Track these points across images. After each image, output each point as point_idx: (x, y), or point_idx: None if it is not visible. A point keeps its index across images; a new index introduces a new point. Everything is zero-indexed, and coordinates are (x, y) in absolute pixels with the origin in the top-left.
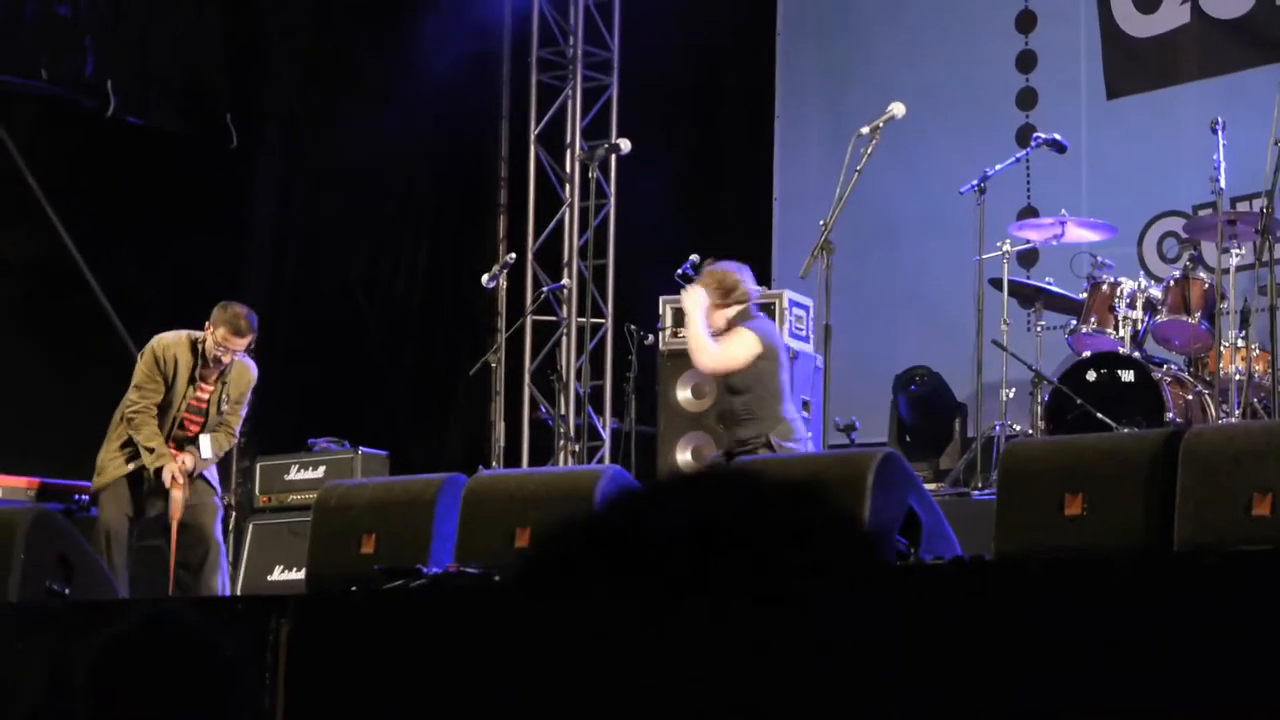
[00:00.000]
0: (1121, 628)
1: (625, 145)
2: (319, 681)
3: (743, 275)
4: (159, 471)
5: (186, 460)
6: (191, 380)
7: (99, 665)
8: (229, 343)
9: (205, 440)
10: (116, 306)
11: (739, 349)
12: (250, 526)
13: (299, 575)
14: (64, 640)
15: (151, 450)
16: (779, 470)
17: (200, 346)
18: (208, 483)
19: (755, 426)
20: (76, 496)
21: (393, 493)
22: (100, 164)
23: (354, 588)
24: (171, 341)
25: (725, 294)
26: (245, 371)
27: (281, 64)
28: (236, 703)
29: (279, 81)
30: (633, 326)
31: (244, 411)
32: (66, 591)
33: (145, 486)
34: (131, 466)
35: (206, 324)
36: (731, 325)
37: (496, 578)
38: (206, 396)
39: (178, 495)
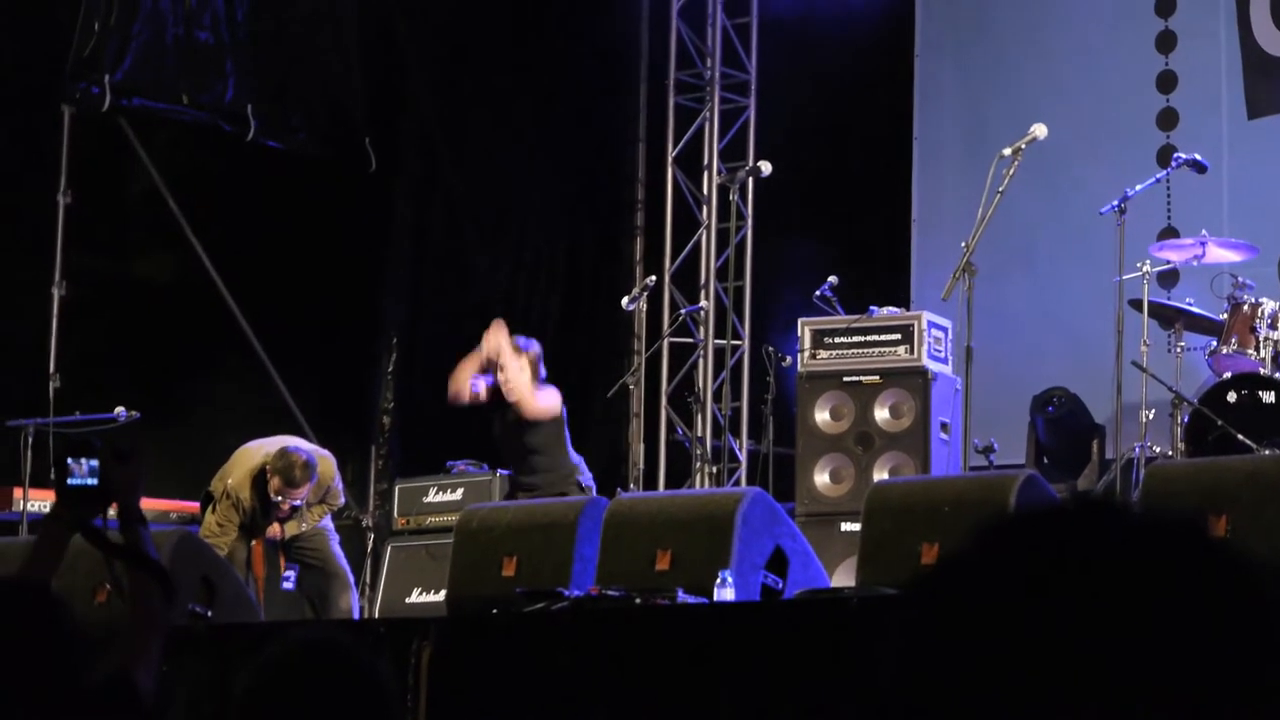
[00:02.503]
0: None
1: (766, 168)
2: (461, 703)
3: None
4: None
5: (276, 528)
6: (266, 515)
7: (254, 688)
8: (285, 493)
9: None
10: (256, 329)
11: (554, 398)
12: (389, 549)
13: (437, 598)
14: (208, 663)
15: None
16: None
17: (266, 482)
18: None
19: (554, 459)
20: None
21: (534, 515)
22: (240, 188)
23: (495, 610)
24: (247, 489)
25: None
26: (321, 474)
27: (420, 89)
28: None
29: (417, 106)
30: (770, 348)
31: (340, 490)
32: (209, 614)
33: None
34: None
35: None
36: None
37: (637, 600)
38: (285, 513)
39: (257, 560)
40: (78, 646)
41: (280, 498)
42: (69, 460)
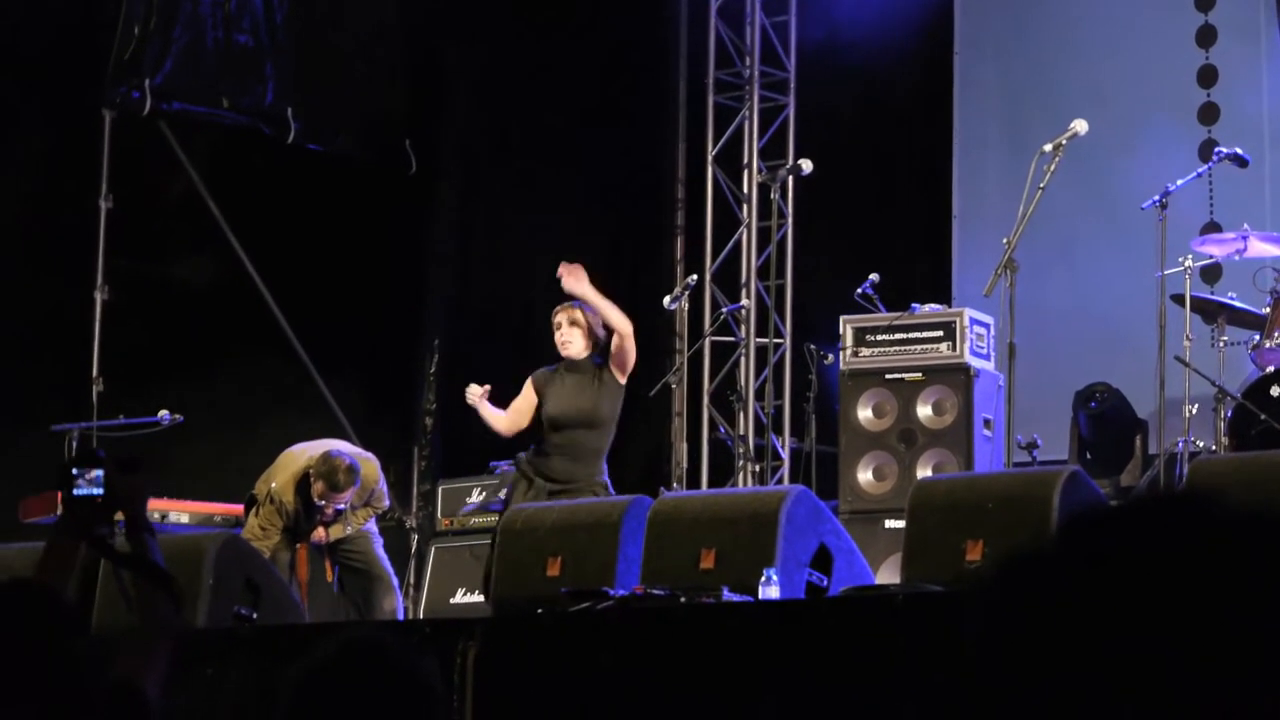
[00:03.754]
0: None
1: (807, 166)
2: (507, 704)
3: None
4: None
5: (320, 532)
6: (309, 519)
7: (299, 689)
8: (329, 497)
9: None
10: (297, 331)
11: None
12: (432, 550)
13: (480, 598)
14: (253, 664)
15: None
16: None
17: (308, 485)
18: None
19: (595, 465)
20: None
21: (578, 515)
22: (281, 190)
23: (540, 610)
24: (290, 493)
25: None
26: (365, 478)
27: (460, 91)
28: None
29: (457, 108)
30: (812, 346)
31: (385, 494)
32: (254, 616)
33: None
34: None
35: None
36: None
37: (683, 599)
38: (329, 518)
39: (301, 564)
40: (85, 653)
41: (324, 502)
42: (74, 470)
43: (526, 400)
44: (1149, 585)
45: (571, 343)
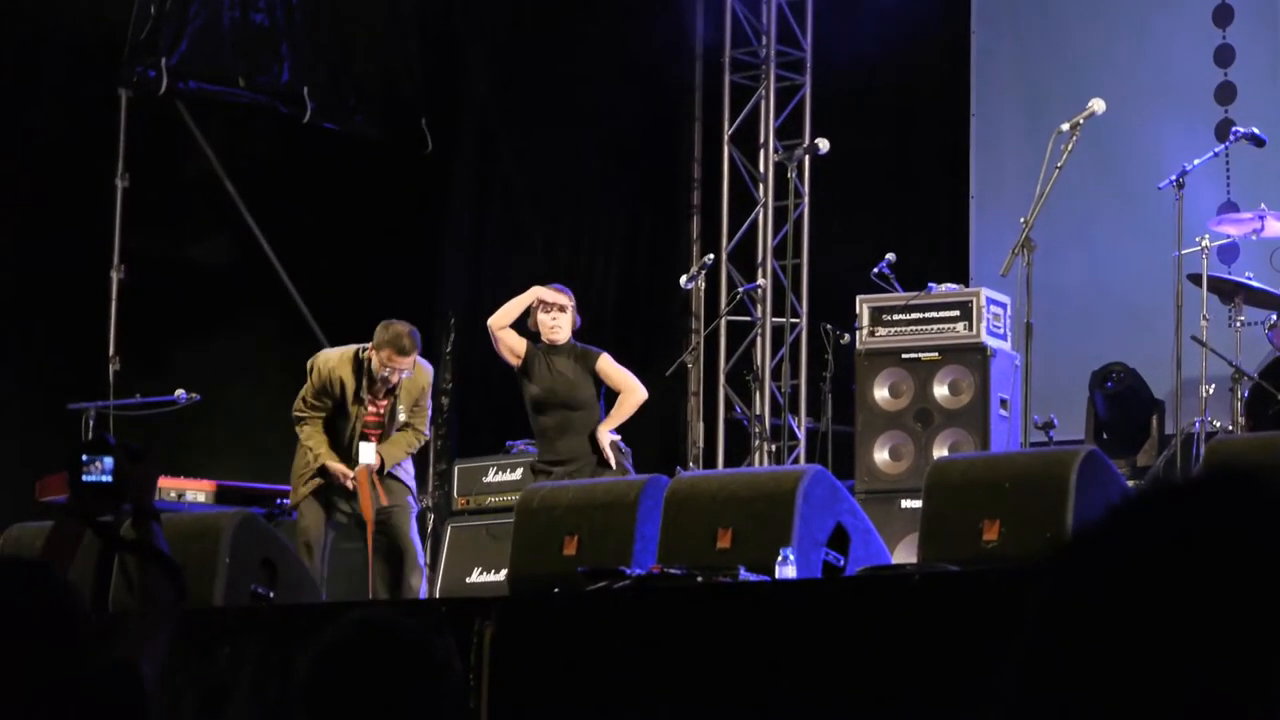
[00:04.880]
0: None
1: (824, 145)
2: (523, 683)
3: None
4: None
5: (371, 462)
6: (359, 400)
7: (316, 668)
8: (394, 362)
9: (372, 449)
10: (313, 310)
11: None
12: (448, 529)
13: (497, 578)
14: (271, 644)
15: (310, 449)
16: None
17: (365, 363)
18: (402, 483)
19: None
20: (278, 501)
21: (595, 494)
22: (297, 170)
23: (557, 589)
24: (336, 363)
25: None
26: (418, 375)
27: (477, 70)
28: (445, 705)
29: (474, 87)
30: (829, 326)
31: (429, 409)
32: (271, 595)
33: (336, 491)
34: (317, 482)
35: (370, 346)
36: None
37: (699, 578)
38: (380, 411)
39: (364, 493)
40: (83, 631)
41: (387, 371)
42: (84, 457)
43: (518, 344)
44: (1205, 566)
45: (560, 328)
